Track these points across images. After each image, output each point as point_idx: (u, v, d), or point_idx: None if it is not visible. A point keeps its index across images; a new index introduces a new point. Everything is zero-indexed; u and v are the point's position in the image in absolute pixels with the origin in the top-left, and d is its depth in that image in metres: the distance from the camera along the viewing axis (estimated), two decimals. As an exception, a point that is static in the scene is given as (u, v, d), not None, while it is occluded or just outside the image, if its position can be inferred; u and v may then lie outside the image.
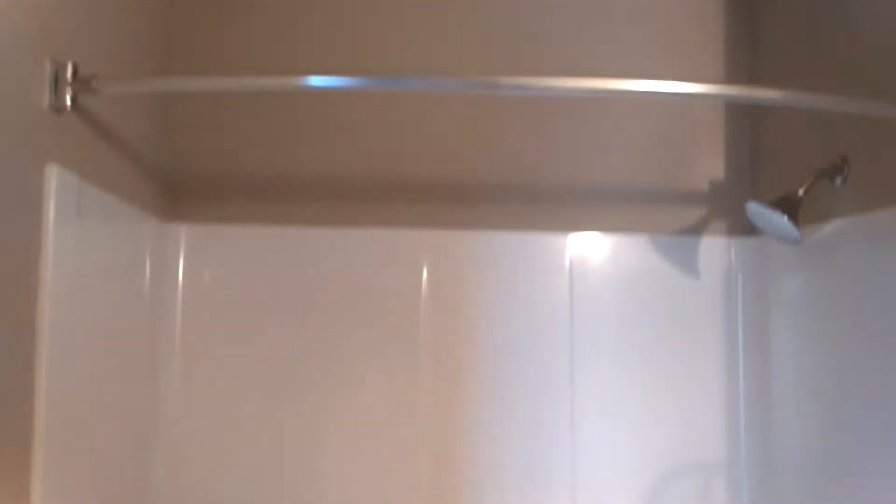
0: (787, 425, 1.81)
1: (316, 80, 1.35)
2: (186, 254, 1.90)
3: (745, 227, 1.94)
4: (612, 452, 1.91)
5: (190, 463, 1.86)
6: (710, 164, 1.99)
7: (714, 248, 1.95)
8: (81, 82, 1.32)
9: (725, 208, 1.97)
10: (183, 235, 1.90)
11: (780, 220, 1.58)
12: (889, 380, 1.46)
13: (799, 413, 1.77)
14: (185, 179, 1.93)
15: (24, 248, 1.22)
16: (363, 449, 1.88)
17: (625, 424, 1.92)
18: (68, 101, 1.30)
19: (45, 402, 1.26)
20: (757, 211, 1.63)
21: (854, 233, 1.57)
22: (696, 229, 1.96)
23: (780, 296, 1.85)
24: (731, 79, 2.00)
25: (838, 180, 1.61)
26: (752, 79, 1.98)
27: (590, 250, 1.94)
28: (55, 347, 1.29)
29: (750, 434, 1.92)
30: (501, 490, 1.89)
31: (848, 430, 1.58)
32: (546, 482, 1.89)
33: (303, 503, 1.86)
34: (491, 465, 1.89)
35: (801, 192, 1.59)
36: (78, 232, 1.37)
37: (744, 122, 2.00)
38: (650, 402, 1.92)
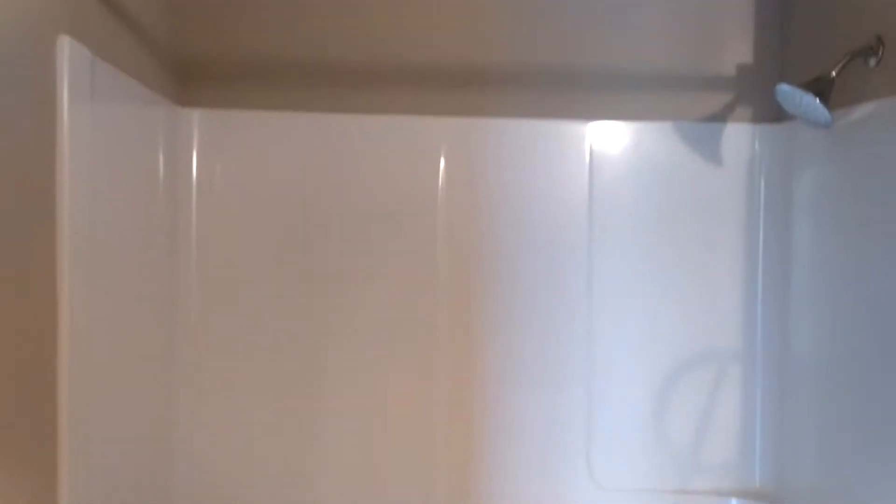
0: (804, 316, 1.81)
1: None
2: (200, 141, 1.86)
3: (770, 114, 1.90)
4: (629, 340, 1.92)
5: (208, 365, 1.87)
6: (737, 47, 1.92)
7: (738, 136, 1.91)
8: (90, -51, 1.26)
9: (752, 94, 1.92)
10: (196, 121, 1.85)
11: (812, 102, 1.53)
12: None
13: (817, 304, 1.76)
14: (198, 62, 1.87)
15: (40, 127, 1.19)
16: (380, 340, 1.89)
17: (642, 313, 1.92)
18: (77, -31, 1.25)
19: (68, 293, 1.25)
20: (787, 93, 1.59)
21: (887, 115, 1.53)
22: (721, 116, 1.92)
23: (803, 184, 1.82)
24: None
25: (872, 61, 1.56)
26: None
27: (610, 138, 1.90)
28: (75, 239, 1.27)
29: (766, 323, 1.92)
30: (518, 379, 1.91)
31: (866, 323, 1.57)
32: (562, 370, 1.91)
33: (316, 395, 1.89)
34: (508, 353, 1.90)
35: (833, 73, 1.54)
36: (93, 113, 1.33)
37: (774, 1, 1.92)
38: (668, 290, 1.92)
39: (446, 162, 1.88)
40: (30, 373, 1.17)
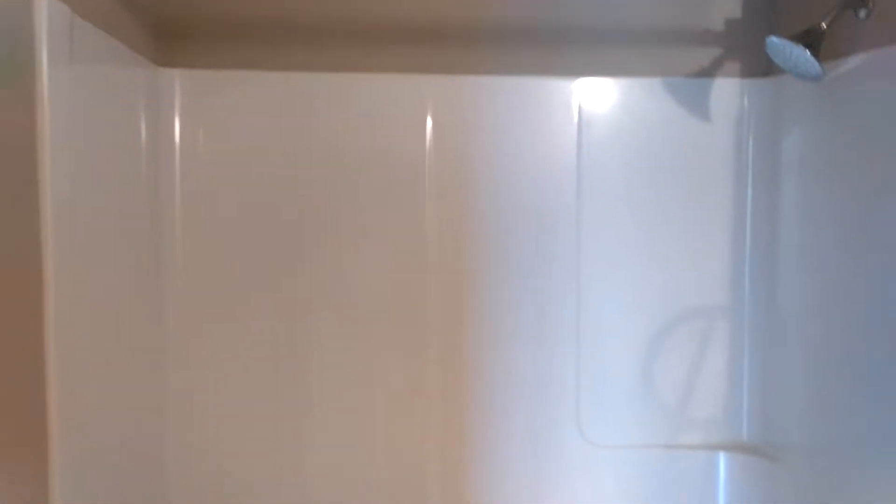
0: (792, 271, 1.82)
1: None
2: (181, 103, 1.82)
3: (759, 69, 1.89)
4: (618, 298, 1.93)
5: (195, 337, 1.86)
6: (726, 1, 1.90)
7: (726, 91, 1.90)
8: None
9: (741, 48, 1.90)
10: (177, 82, 1.81)
11: (802, 55, 1.52)
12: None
13: (805, 259, 1.77)
14: (177, 19, 1.82)
15: (18, 89, 1.15)
16: (370, 303, 1.88)
17: (630, 270, 1.92)
18: (52, -80, 1.20)
19: (53, 273, 1.21)
20: (777, 45, 1.57)
21: (876, 67, 1.52)
22: (709, 71, 1.90)
23: (792, 138, 1.82)
24: None
25: (862, 13, 1.55)
26: None
27: (599, 95, 1.89)
28: (59, 211, 1.22)
29: (754, 279, 1.93)
30: (508, 338, 1.91)
31: (853, 278, 1.58)
32: (552, 328, 1.91)
33: (305, 364, 1.89)
34: (498, 313, 1.90)
35: (824, 24, 1.53)
36: (73, 74, 1.29)
37: (763, -46, 1.91)
38: (656, 247, 1.92)
39: (433, 121, 1.86)
40: (18, 362, 1.14)
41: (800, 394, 1.78)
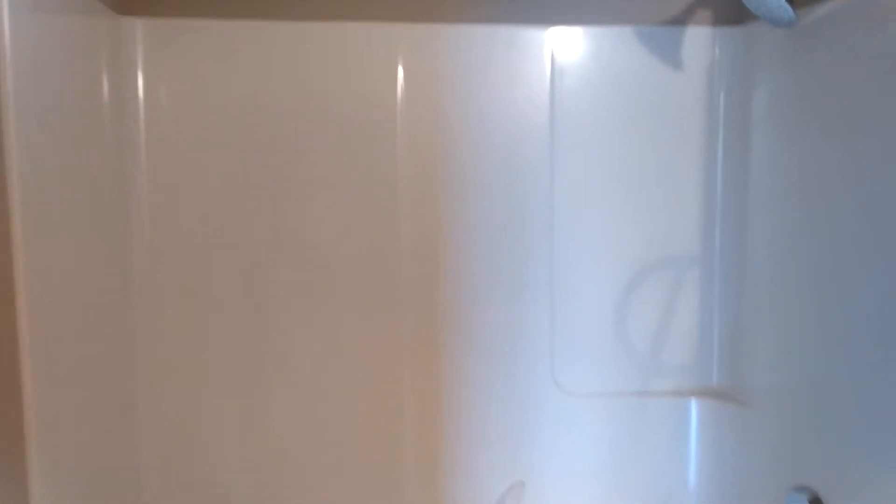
0: (763, 220, 1.83)
1: None
2: (145, 54, 1.77)
3: (731, 16, 1.88)
4: (590, 249, 1.93)
5: (164, 305, 1.84)
6: (699, -53, 1.90)
7: (698, 40, 1.89)
8: None
9: (713, -5, 1.90)
10: (139, 32, 1.76)
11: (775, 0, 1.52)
12: (871, 178, 1.45)
13: (775, 209, 1.78)
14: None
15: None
16: (342, 261, 1.86)
17: (602, 220, 1.93)
18: None
19: (21, 225, 1.18)
20: (751, -9, 1.57)
21: (849, 14, 1.52)
22: (681, 19, 1.89)
23: (764, 88, 1.82)
24: None
25: (836, -43, 1.55)
26: None
27: (571, 44, 1.87)
28: (25, 176, 1.19)
29: (724, 229, 1.95)
30: (482, 291, 1.91)
31: (824, 226, 1.59)
32: (525, 280, 1.92)
33: (277, 325, 1.87)
34: (472, 266, 1.90)
35: (798, -31, 1.53)
36: (35, 25, 1.23)
37: None
38: (628, 196, 1.92)
39: (405, 70, 1.83)
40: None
41: (769, 341, 1.81)
